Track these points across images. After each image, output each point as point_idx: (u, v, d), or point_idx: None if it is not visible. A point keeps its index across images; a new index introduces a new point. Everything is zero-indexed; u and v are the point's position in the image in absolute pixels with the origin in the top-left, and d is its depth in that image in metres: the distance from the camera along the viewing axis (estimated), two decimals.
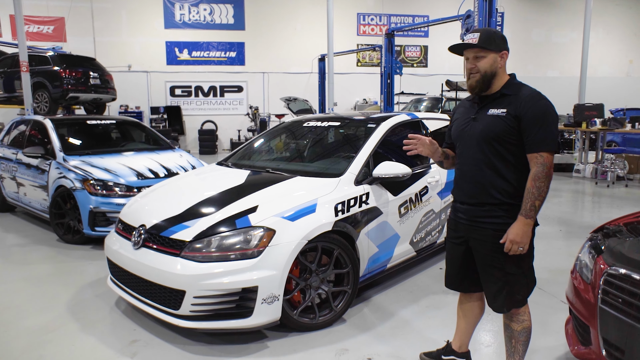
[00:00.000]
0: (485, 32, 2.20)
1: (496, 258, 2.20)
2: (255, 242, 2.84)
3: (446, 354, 2.68)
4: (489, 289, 2.28)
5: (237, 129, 16.26)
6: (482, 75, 2.19)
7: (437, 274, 4.20)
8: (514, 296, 2.23)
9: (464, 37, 2.26)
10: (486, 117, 2.20)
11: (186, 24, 15.89)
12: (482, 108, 2.25)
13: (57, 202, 5.17)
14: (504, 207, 2.18)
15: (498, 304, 2.25)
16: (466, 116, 2.32)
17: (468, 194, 2.27)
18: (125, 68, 15.38)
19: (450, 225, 2.45)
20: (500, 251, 2.17)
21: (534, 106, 2.10)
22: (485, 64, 2.17)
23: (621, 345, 2.12)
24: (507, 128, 2.13)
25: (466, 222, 2.29)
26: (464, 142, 2.29)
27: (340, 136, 4.34)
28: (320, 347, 2.91)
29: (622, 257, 2.28)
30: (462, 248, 2.36)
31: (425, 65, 17.90)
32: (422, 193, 3.99)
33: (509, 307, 2.26)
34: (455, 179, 2.41)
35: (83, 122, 6.44)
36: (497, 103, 2.20)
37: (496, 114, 2.17)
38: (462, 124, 2.32)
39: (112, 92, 11.24)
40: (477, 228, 2.25)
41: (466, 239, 2.32)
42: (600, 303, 2.24)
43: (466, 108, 2.38)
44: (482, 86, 2.21)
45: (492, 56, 2.18)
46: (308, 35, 16.62)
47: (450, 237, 2.46)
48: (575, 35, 18.53)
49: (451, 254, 2.45)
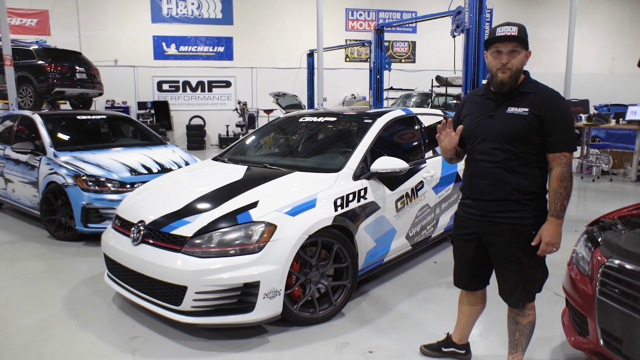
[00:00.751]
0: (521, 27, 2.13)
1: (513, 253, 2.20)
2: (257, 237, 2.84)
3: (446, 346, 2.72)
4: (505, 285, 2.28)
5: (226, 124, 16.16)
6: (514, 72, 2.13)
7: (432, 268, 4.25)
8: (529, 290, 2.25)
9: (500, 30, 2.13)
10: (506, 115, 2.16)
11: (174, 18, 15.70)
12: (500, 106, 2.20)
13: (48, 198, 5.09)
14: (520, 202, 2.18)
15: (514, 299, 2.26)
16: (481, 113, 2.26)
17: (483, 191, 2.24)
18: (112, 62, 15.16)
19: (459, 222, 2.41)
20: (516, 246, 2.18)
21: (556, 106, 2.10)
22: (518, 60, 2.12)
23: (619, 335, 2.17)
24: (529, 127, 2.10)
25: (480, 218, 2.27)
26: (480, 139, 2.24)
27: (337, 131, 4.35)
28: (321, 341, 2.93)
29: (619, 249, 2.34)
30: (474, 245, 2.34)
31: (413, 60, 17.99)
32: (418, 188, 4.03)
33: (525, 302, 2.27)
34: (467, 176, 2.36)
35: (73, 117, 6.34)
36: (517, 101, 2.16)
37: (517, 112, 2.13)
38: (476, 121, 2.26)
39: (98, 86, 11.08)
40: (492, 224, 2.23)
41: (478, 236, 2.30)
42: (598, 294, 2.29)
43: (478, 104, 2.31)
44: (512, 83, 2.15)
45: (524, 53, 2.14)
46: (297, 31, 16.57)
47: (459, 235, 2.42)
48: (560, 32, 18.79)
49: (461, 251, 2.43)
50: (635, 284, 2.13)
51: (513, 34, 2.10)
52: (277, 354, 2.79)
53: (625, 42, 19.63)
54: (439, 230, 4.51)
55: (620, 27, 19.53)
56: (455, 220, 2.48)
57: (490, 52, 2.18)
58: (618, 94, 17.59)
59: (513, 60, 2.12)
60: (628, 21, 19.59)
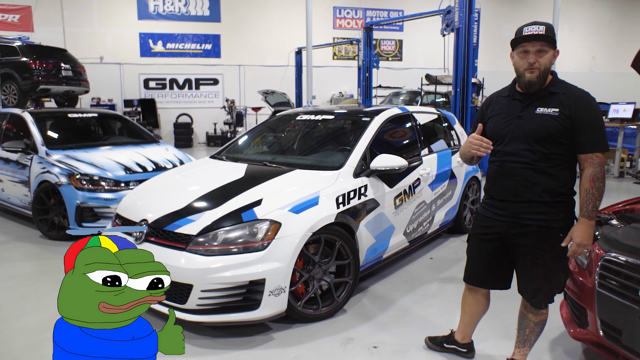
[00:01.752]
0: (549, 25, 2.11)
1: (540, 255, 2.19)
2: (262, 235, 2.86)
3: (448, 343, 2.76)
4: (529, 286, 2.28)
5: (213, 122, 16.05)
6: (542, 72, 2.11)
7: (428, 264, 4.32)
8: (552, 292, 2.26)
9: (527, 29, 2.10)
10: (535, 116, 2.14)
11: (160, 15, 15.52)
12: (528, 106, 2.18)
13: (41, 197, 5.02)
14: (549, 204, 2.17)
15: (537, 300, 2.28)
16: (509, 113, 2.24)
17: (511, 192, 2.22)
18: (97, 60, 14.92)
19: (481, 221, 2.40)
20: (544, 248, 2.18)
21: (588, 106, 2.10)
22: (546, 59, 2.10)
23: (619, 325, 2.25)
24: (560, 128, 2.09)
25: (506, 218, 2.25)
26: (508, 139, 2.21)
27: (335, 129, 4.38)
28: (325, 337, 2.96)
29: (617, 243, 2.42)
30: (494, 245, 2.33)
31: (400, 59, 18.10)
32: (415, 185, 4.09)
33: (547, 303, 2.29)
34: (492, 176, 2.33)
35: (63, 115, 6.25)
36: (546, 102, 2.14)
37: (547, 113, 2.12)
38: (504, 121, 2.24)
39: (84, 84, 10.89)
40: (519, 225, 2.22)
41: (502, 236, 2.29)
42: (597, 287, 2.37)
43: (504, 105, 2.28)
44: (541, 83, 2.13)
45: (551, 52, 2.12)
46: (284, 28, 16.53)
47: (478, 234, 2.40)
48: None
49: (478, 250, 2.41)
50: (634, 276, 2.21)
51: (540, 33, 2.08)
52: (282, 350, 2.81)
53: (604, 42, 20.05)
54: (435, 227, 4.58)
55: (599, 27, 19.94)
56: (475, 219, 2.46)
57: (517, 52, 2.15)
58: (599, 92, 17.87)
59: (541, 60, 2.10)
60: (607, 22, 20.01)
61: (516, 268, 2.36)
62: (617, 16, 19.96)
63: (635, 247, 2.32)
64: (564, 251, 2.22)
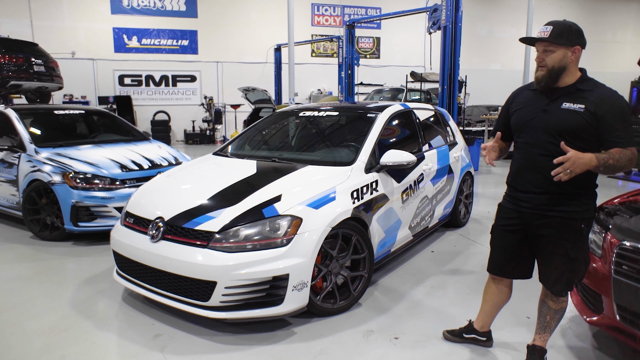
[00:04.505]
0: (557, 26, 2.20)
1: (562, 245, 2.28)
2: (284, 230, 2.87)
3: (468, 333, 2.84)
4: (550, 275, 2.37)
5: (191, 119, 15.80)
6: (549, 70, 2.23)
7: (431, 257, 4.42)
8: (573, 280, 2.36)
9: (538, 31, 2.27)
10: (560, 110, 2.23)
11: (135, 10, 15.13)
12: (554, 101, 2.27)
13: (32, 197, 4.85)
14: (572, 196, 2.25)
15: (558, 288, 2.36)
16: (534, 107, 2.33)
17: (535, 184, 2.31)
18: (69, 55, 14.43)
19: (504, 213, 2.49)
20: (566, 238, 2.27)
21: (614, 105, 2.17)
22: (553, 58, 2.21)
23: (636, 309, 2.38)
24: (584, 123, 2.17)
25: (530, 210, 2.34)
26: (532, 132, 2.31)
27: (340, 126, 4.41)
28: (346, 330, 3.00)
29: (630, 232, 2.55)
30: (517, 236, 2.43)
31: (378, 56, 18.27)
32: (419, 180, 4.17)
33: (567, 290, 2.38)
34: (516, 168, 2.42)
35: (49, 112, 6.04)
36: (572, 97, 2.23)
37: (572, 108, 2.20)
38: (529, 115, 2.34)
39: (57, 80, 10.54)
40: (542, 216, 2.31)
41: (524, 227, 2.39)
42: (614, 274, 2.50)
43: (530, 98, 2.38)
44: (548, 80, 2.25)
45: (561, 51, 2.20)
46: (263, 25, 16.42)
47: (502, 225, 2.49)
48: (515, 30, 19.65)
49: (502, 241, 2.50)
50: None
51: (543, 36, 2.22)
52: (306, 344, 2.83)
53: None
54: (435, 221, 4.69)
55: None
56: (499, 212, 2.54)
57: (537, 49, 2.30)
58: None
59: (547, 59, 2.23)
60: (575, 22, 20.77)
61: (538, 257, 2.45)
62: (585, 16, 20.73)
63: None
64: (585, 241, 2.33)
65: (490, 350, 2.78)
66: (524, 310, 3.28)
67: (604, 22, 20.79)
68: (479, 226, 5.48)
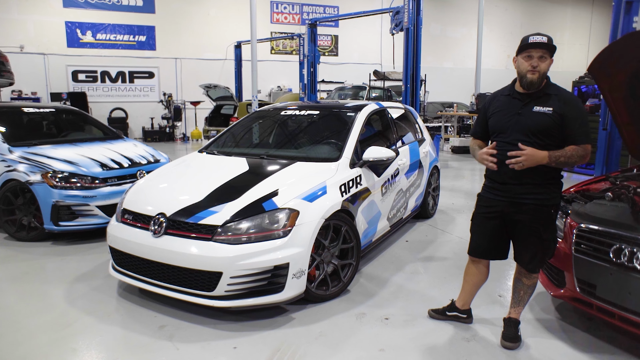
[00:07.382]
0: (549, 37, 2.54)
1: (535, 228, 2.65)
2: (283, 222, 3.08)
3: (450, 311, 3.17)
4: (525, 254, 2.72)
5: (150, 116, 15.52)
6: (541, 74, 2.54)
7: (406, 246, 4.75)
8: (544, 258, 2.76)
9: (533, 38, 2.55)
10: (532, 113, 2.58)
11: (89, 4, 14.64)
12: (526, 105, 2.62)
13: (7, 197, 4.76)
14: (542, 186, 2.61)
15: (532, 266, 2.73)
16: (509, 110, 2.67)
17: (512, 176, 2.62)
18: (17, 49, 13.78)
19: (484, 202, 2.82)
20: (539, 222, 2.64)
21: (576, 106, 2.58)
22: (546, 65, 2.54)
23: (594, 281, 2.79)
24: (553, 123, 2.54)
25: (506, 199, 2.68)
26: (508, 132, 2.64)
27: (322, 124, 4.64)
28: (339, 313, 3.26)
29: (586, 216, 2.96)
30: (496, 222, 2.76)
31: (336, 54, 18.62)
32: (395, 174, 4.48)
33: (540, 267, 2.78)
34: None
35: (17, 109, 5.88)
36: (542, 101, 2.59)
37: (543, 111, 2.56)
38: (505, 117, 2.67)
39: (8, 75, 10.09)
40: (518, 204, 2.65)
41: (502, 214, 2.72)
42: (574, 252, 2.90)
43: (505, 103, 2.72)
44: (539, 84, 2.58)
45: (550, 60, 2.56)
46: (222, 21, 16.33)
47: (482, 212, 2.82)
48: (465, 31, 20.61)
49: (482, 227, 2.83)
50: (604, 241, 2.75)
51: (544, 42, 2.52)
52: (306, 328, 3.06)
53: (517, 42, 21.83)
54: (408, 212, 5.03)
55: (513, 28, 21.89)
56: (479, 200, 2.88)
57: (522, 56, 2.58)
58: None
59: (542, 64, 2.53)
60: (519, 24, 22.02)
61: (514, 240, 2.82)
62: (528, 19, 22.03)
63: (602, 219, 2.87)
64: (554, 224, 2.72)
65: (471, 325, 3.12)
66: (497, 290, 3.66)
67: (544, 24, 22.17)
68: (446, 217, 5.90)
